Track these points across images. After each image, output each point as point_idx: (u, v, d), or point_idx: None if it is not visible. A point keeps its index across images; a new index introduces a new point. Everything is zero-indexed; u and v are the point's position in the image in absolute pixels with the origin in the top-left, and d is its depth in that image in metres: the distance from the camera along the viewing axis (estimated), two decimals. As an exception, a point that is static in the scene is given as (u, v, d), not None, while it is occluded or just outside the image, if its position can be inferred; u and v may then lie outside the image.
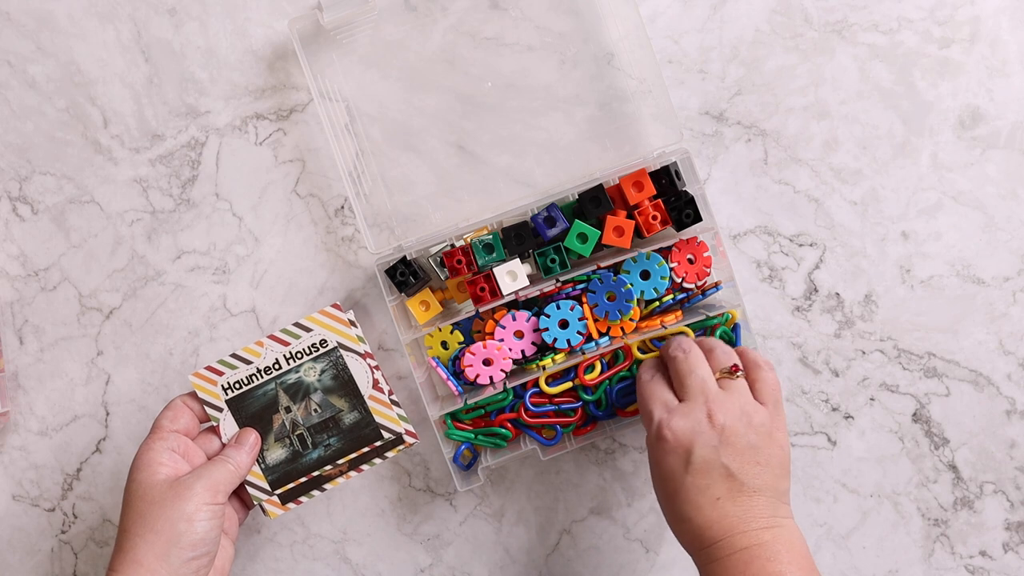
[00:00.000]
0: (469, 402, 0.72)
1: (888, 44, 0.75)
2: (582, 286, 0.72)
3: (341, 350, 0.69)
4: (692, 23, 0.75)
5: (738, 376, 0.65)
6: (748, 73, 0.75)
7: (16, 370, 0.77)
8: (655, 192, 0.70)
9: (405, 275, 0.71)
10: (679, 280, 0.73)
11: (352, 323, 0.69)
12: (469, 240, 0.71)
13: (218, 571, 0.65)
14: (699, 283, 0.73)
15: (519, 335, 0.73)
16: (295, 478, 0.69)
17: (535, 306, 0.73)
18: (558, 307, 0.72)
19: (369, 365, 0.69)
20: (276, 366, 0.69)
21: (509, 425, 0.74)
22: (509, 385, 0.72)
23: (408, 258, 0.72)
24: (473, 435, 0.74)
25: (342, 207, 0.76)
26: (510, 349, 0.73)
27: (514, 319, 0.73)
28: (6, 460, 0.78)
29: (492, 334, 0.73)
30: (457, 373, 0.74)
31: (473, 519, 0.77)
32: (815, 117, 0.75)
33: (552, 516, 0.77)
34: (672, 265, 0.72)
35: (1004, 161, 0.75)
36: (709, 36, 0.75)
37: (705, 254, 0.72)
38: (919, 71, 0.75)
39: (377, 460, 0.70)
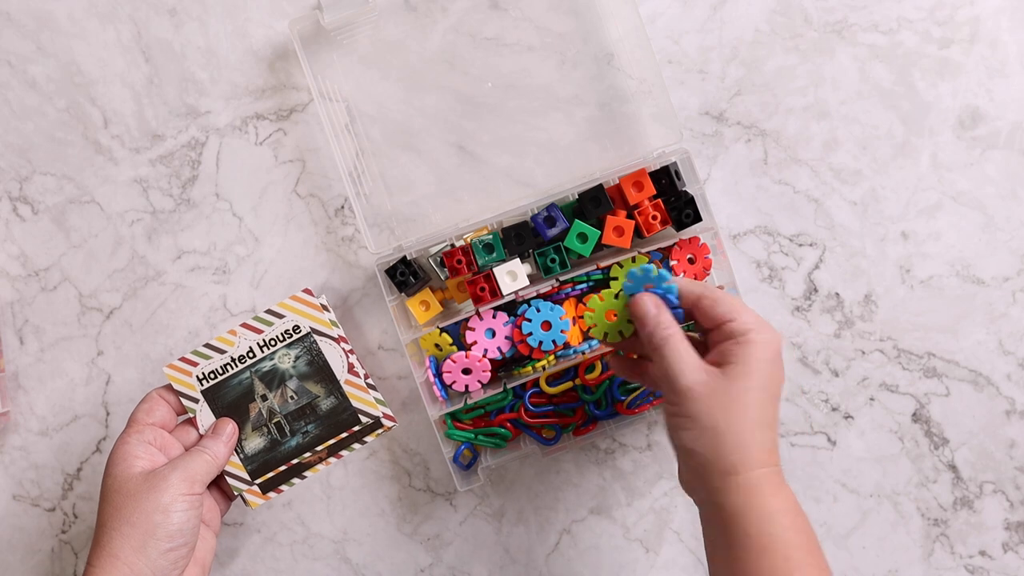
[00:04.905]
0: (468, 402, 0.72)
1: (888, 44, 0.75)
2: (582, 286, 0.72)
3: (315, 335, 0.68)
4: (692, 23, 0.75)
5: None
6: (748, 73, 0.75)
7: (16, 370, 0.77)
8: (655, 192, 0.71)
9: (405, 275, 0.71)
10: (679, 280, 0.73)
11: (324, 307, 0.69)
12: (469, 240, 0.71)
13: (198, 562, 0.65)
14: (699, 283, 0.73)
15: (491, 333, 0.72)
16: (274, 467, 0.69)
17: (524, 303, 0.72)
18: (538, 310, 0.71)
19: (343, 349, 0.69)
20: (250, 354, 0.68)
21: (509, 425, 0.74)
22: (509, 385, 0.72)
23: (408, 258, 0.72)
24: (473, 435, 0.74)
25: (342, 207, 0.77)
26: (485, 350, 0.72)
27: (480, 319, 0.72)
28: (6, 460, 0.78)
29: (472, 330, 0.72)
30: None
31: (473, 519, 0.77)
32: (815, 117, 0.75)
33: (552, 516, 0.77)
34: (672, 263, 0.72)
35: (1004, 161, 0.75)
36: (709, 36, 0.75)
37: (707, 256, 0.72)
38: (919, 71, 0.75)
39: (356, 445, 0.69)
